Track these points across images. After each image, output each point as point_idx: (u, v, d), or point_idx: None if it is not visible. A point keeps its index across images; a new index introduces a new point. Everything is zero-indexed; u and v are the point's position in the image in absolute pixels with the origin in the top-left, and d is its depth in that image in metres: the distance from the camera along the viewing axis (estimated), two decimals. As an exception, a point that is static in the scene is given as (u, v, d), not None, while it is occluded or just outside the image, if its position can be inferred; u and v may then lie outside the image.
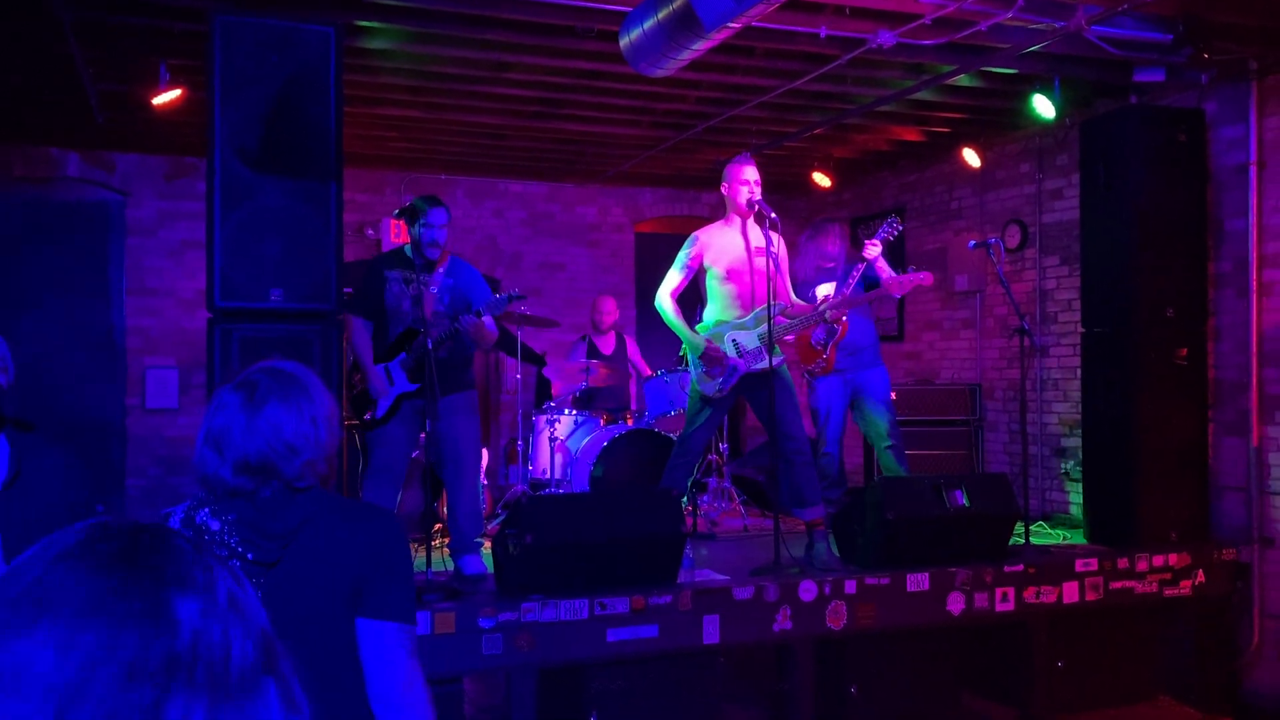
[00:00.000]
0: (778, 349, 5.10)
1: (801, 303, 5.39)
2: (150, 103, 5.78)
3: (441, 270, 5.01)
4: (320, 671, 1.80)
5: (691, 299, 5.38)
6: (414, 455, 6.14)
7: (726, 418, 6.09)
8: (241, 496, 1.84)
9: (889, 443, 5.89)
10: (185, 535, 0.82)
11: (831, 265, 5.90)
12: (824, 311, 5.19)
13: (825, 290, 5.69)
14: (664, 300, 5.18)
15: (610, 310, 7.68)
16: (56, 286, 7.86)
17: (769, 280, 4.97)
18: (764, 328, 5.01)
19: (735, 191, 5.11)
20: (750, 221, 5.17)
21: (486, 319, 4.88)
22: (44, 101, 6.64)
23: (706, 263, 5.17)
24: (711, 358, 5.07)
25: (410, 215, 4.94)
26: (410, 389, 4.88)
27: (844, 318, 5.51)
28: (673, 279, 5.20)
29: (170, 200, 8.06)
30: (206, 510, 1.85)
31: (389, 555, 1.92)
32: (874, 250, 5.54)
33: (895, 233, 5.60)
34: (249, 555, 1.81)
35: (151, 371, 7.95)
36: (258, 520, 1.84)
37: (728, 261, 5.13)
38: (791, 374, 5.36)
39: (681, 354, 5.40)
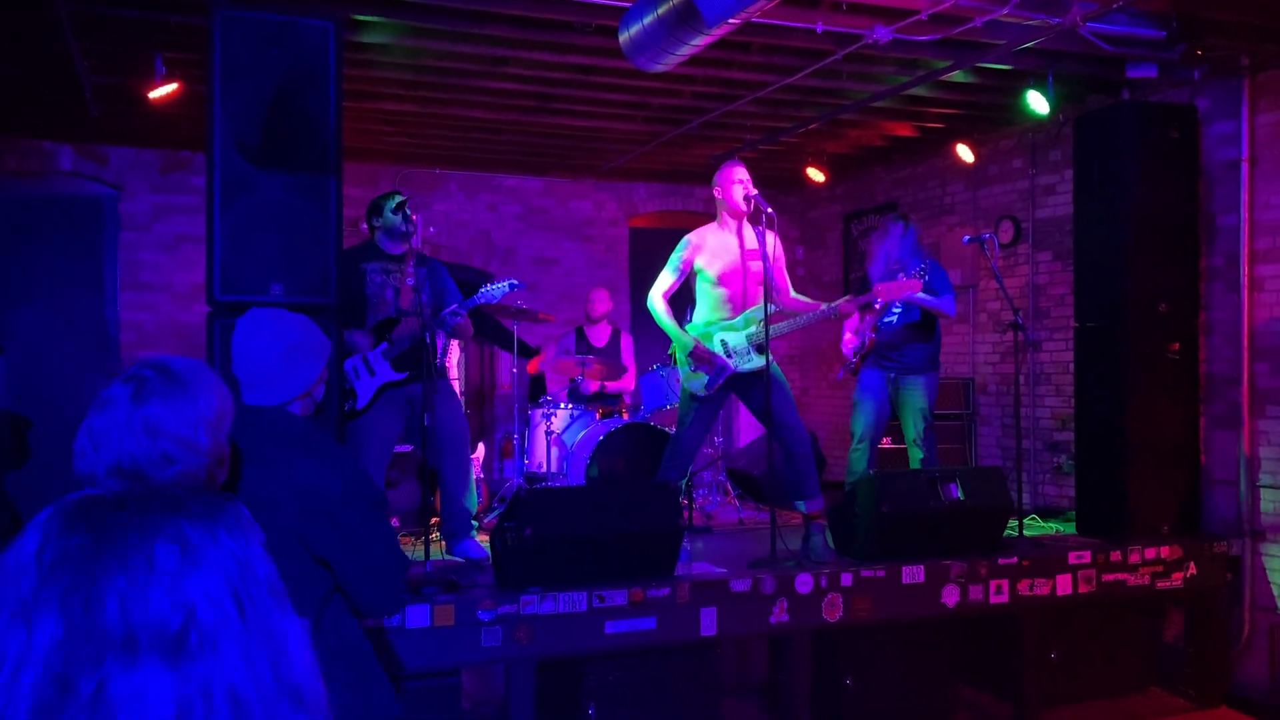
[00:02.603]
0: (768, 352, 5.09)
1: (805, 300, 5.39)
2: (146, 96, 5.77)
3: (412, 262, 5.06)
4: None
5: (682, 299, 5.40)
6: (408, 449, 6.18)
7: (720, 414, 6.11)
8: None
9: (918, 454, 5.87)
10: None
11: (898, 266, 5.79)
12: (832, 311, 5.20)
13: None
14: (656, 301, 5.20)
15: (601, 300, 7.71)
16: (50, 281, 7.83)
17: (765, 282, 4.98)
18: (754, 329, 5.04)
19: (729, 192, 5.12)
20: (744, 222, 5.17)
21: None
22: (38, 94, 6.62)
23: (699, 265, 5.19)
24: (699, 357, 5.09)
25: (375, 210, 5.03)
26: (395, 378, 4.90)
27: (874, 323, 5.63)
28: (665, 280, 5.22)
29: (164, 194, 8.04)
30: None
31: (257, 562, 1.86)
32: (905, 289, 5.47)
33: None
34: None
35: (145, 366, 7.93)
36: None
37: (721, 266, 5.14)
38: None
39: (670, 352, 5.41)
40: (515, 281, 5.11)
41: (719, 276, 5.15)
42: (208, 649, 0.85)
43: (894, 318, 5.82)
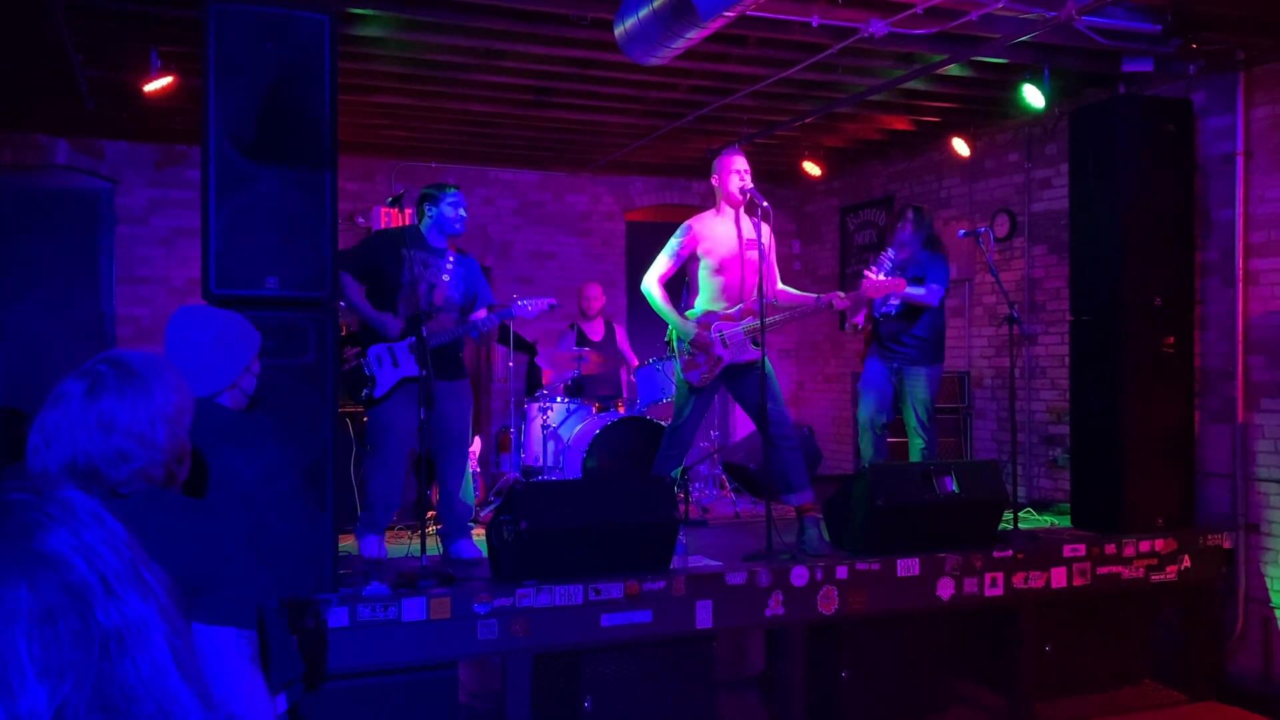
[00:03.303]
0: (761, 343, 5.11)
1: (795, 292, 5.42)
2: (141, 90, 5.76)
3: (451, 257, 5.08)
4: None
5: (672, 287, 5.40)
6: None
7: (716, 404, 6.14)
8: None
9: (919, 443, 5.95)
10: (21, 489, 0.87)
11: (908, 256, 5.96)
12: (827, 305, 5.22)
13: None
14: (651, 285, 5.21)
15: (596, 296, 7.73)
16: (46, 275, 7.83)
17: (760, 273, 5.00)
18: (749, 320, 5.05)
19: (726, 181, 5.15)
20: (742, 212, 5.20)
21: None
22: (33, 88, 6.61)
23: (699, 253, 5.21)
24: (701, 343, 5.11)
25: (430, 199, 5.03)
26: (416, 374, 4.91)
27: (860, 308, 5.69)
28: (661, 264, 5.23)
29: (160, 188, 8.03)
30: None
31: (220, 557, 1.78)
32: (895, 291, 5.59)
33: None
34: None
35: (142, 360, 7.93)
36: None
37: (721, 253, 5.16)
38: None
39: (667, 339, 5.42)
40: (554, 302, 5.20)
41: (718, 264, 5.17)
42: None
43: (891, 308, 5.91)
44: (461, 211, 5.07)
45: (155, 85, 5.66)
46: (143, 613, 0.84)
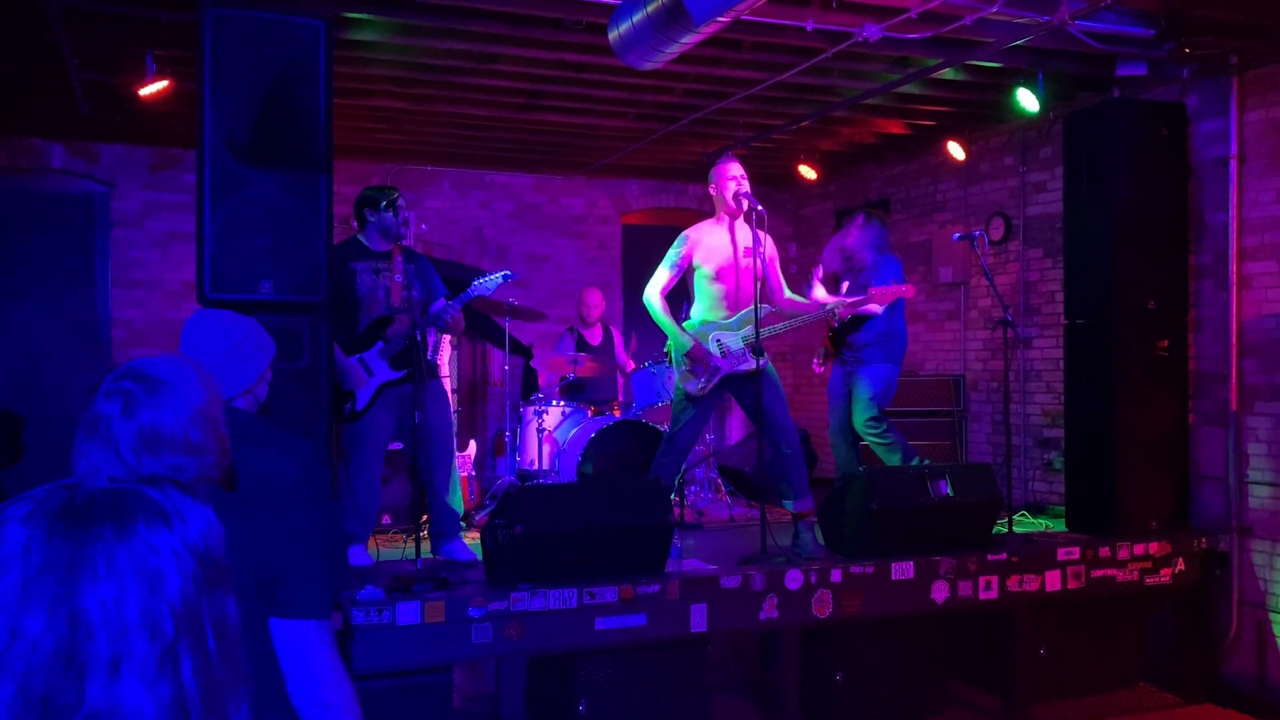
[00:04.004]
0: (763, 352, 5.10)
1: (798, 299, 5.42)
2: (136, 93, 5.77)
3: (399, 257, 5.04)
4: None
5: (675, 296, 5.42)
6: (398, 447, 6.17)
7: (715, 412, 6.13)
8: None
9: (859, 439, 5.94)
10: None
11: (851, 258, 5.99)
12: (833, 310, 5.22)
13: (821, 294, 5.77)
14: (653, 298, 5.22)
15: (596, 303, 7.73)
16: (41, 278, 7.81)
17: (757, 282, 5.01)
18: (748, 329, 5.06)
19: (723, 188, 5.16)
20: (739, 221, 5.21)
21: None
22: (28, 91, 6.61)
23: (696, 261, 5.22)
24: (696, 357, 5.11)
25: (370, 203, 4.98)
26: (394, 376, 4.90)
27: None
28: (662, 276, 5.24)
29: (155, 191, 8.03)
30: None
31: (297, 552, 1.81)
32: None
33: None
34: None
35: (137, 363, 7.92)
36: None
37: (718, 261, 5.17)
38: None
39: (666, 350, 5.43)
40: (509, 273, 5.11)
41: (715, 272, 5.18)
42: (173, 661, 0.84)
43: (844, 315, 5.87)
44: (405, 213, 4.96)
45: (151, 89, 5.66)
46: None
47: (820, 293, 5.80)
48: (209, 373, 1.88)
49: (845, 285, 6.02)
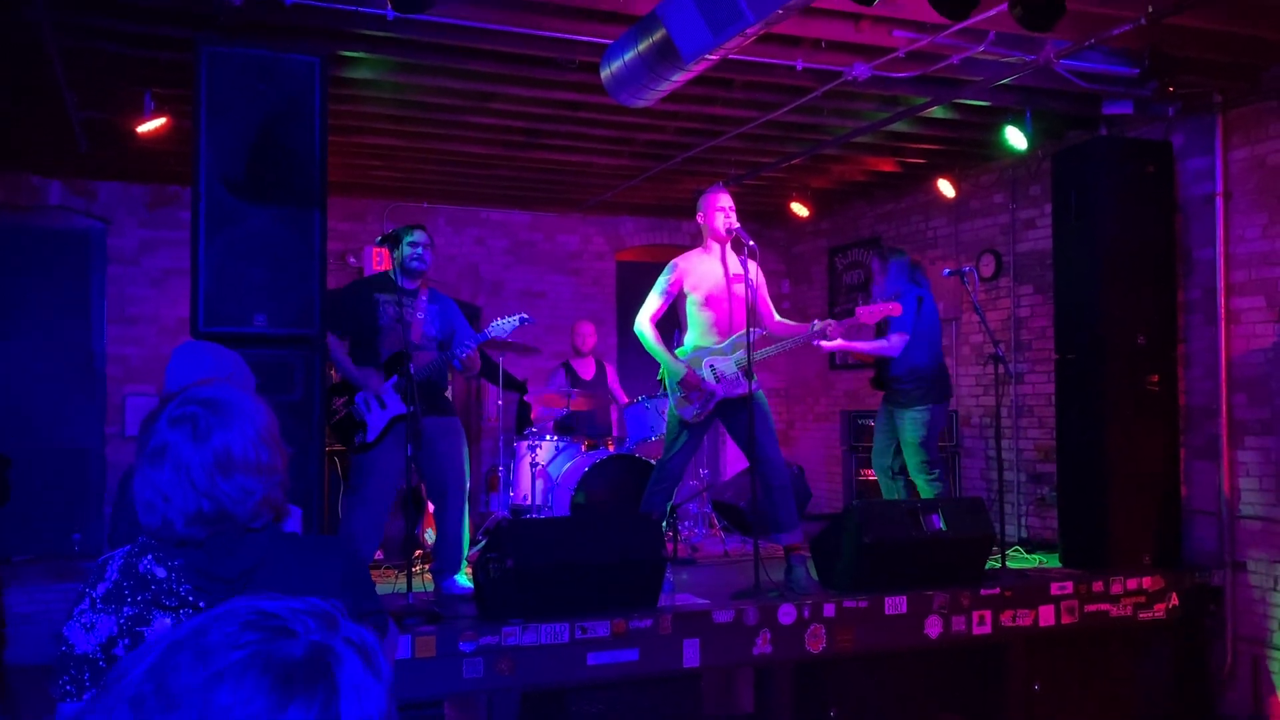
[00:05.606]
0: (754, 375, 5.15)
1: (790, 324, 5.45)
2: (135, 131, 5.82)
3: (424, 296, 5.13)
4: None
5: (667, 325, 5.45)
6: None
7: (706, 442, 6.15)
8: (190, 544, 1.68)
9: (920, 483, 5.95)
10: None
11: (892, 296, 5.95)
12: (822, 331, 5.23)
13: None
14: (643, 325, 5.25)
15: (589, 334, 7.76)
16: (38, 314, 7.85)
17: (748, 307, 5.05)
18: (741, 354, 5.08)
19: (712, 218, 5.21)
20: (728, 248, 5.26)
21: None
22: (27, 129, 6.66)
23: (686, 289, 5.25)
24: (689, 384, 5.14)
25: (393, 240, 5.06)
26: (405, 411, 4.92)
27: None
28: (652, 304, 5.28)
29: (152, 229, 8.08)
30: (150, 557, 1.69)
31: (354, 588, 1.83)
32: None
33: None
34: (200, 603, 1.63)
35: (131, 399, 7.93)
36: (208, 565, 1.68)
37: (707, 288, 5.21)
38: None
39: (660, 377, 5.45)
40: (525, 316, 5.19)
41: (705, 299, 5.22)
42: None
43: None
44: (420, 250, 5.04)
45: (148, 126, 5.72)
46: None
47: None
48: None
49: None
